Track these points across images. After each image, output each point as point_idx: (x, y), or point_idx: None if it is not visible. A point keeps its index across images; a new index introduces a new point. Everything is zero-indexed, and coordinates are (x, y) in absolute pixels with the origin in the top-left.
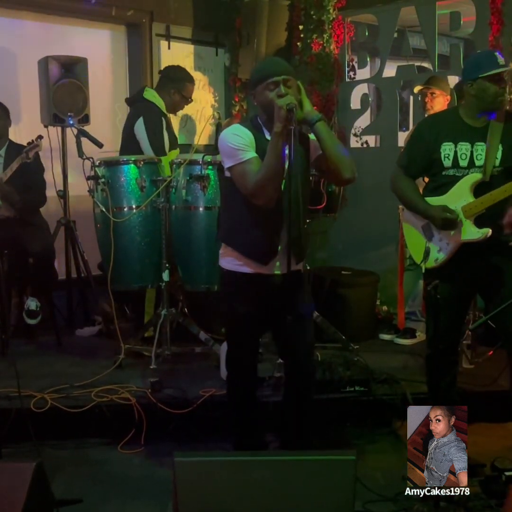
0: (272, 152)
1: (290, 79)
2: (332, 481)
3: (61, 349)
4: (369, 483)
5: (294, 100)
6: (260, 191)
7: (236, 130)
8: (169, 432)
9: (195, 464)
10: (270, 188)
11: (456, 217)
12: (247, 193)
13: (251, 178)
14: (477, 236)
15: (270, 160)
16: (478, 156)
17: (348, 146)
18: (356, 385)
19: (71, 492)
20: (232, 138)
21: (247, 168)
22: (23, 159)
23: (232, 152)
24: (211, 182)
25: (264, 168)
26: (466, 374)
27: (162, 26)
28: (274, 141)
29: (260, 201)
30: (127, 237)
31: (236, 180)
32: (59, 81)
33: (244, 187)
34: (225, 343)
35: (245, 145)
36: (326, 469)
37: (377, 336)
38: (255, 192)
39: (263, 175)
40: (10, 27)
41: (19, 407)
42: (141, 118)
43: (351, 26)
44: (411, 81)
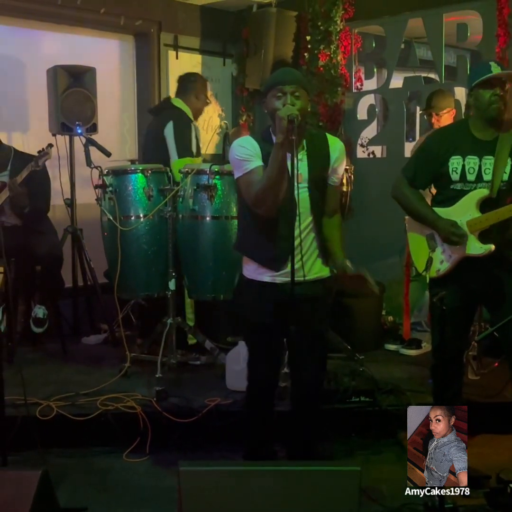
0: (273, 163)
1: (299, 90)
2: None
3: (67, 357)
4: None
5: (295, 111)
6: (261, 201)
7: (242, 142)
8: (174, 441)
9: (200, 473)
10: (270, 198)
11: (464, 233)
12: (249, 202)
13: (253, 188)
14: (480, 252)
15: (271, 170)
16: (486, 170)
17: (355, 157)
18: (361, 395)
19: (76, 500)
20: (237, 149)
21: (251, 178)
22: (33, 167)
23: (239, 163)
24: (218, 191)
25: (265, 178)
26: (472, 385)
27: (170, 36)
28: (275, 152)
29: (261, 211)
30: (134, 245)
31: (242, 191)
32: (67, 90)
33: (247, 197)
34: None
35: (249, 155)
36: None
37: (383, 346)
38: (256, 202)
39: (264, 186)
40: (19, 36)
41: (25, 414)
42: (171, 122)
43: (358, 37)
44: (418, 92)
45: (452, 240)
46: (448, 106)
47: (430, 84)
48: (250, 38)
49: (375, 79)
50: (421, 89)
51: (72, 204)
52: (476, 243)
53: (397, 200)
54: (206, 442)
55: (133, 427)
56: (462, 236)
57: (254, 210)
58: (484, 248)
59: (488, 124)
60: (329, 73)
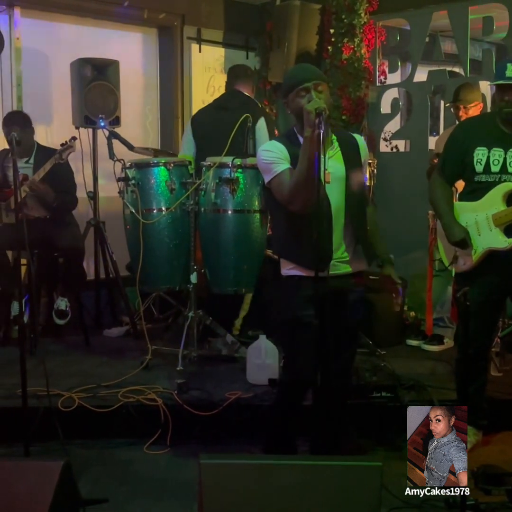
0: (303, 157)
1: (321, 84)
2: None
3: (89, 349)
4: (394, 489)
5: (323, 104)
6: (295, 196)
7: (267, 146)
8: (195, 434)
9: (221, 466)
10: (304, 193)
11: (470, 246)
12: (283, 201)
13: (286, 187)
14: (504, 246)
15: (302, 165)
16: (511, 163)
17: (378, 151)
18: (383, 391)
19: (97, 492)
20: (264, 154)
21: (281, 179)
22: (57, 160)
23: (267, 167)
24: (240, 185)
25: (296, 173)
26: (494, 382)
27: (194, 29)
28: (305, 146)
29: (296, 207)
30: (156, 238)
31: (275, 193)
32: (91, 83)
33: (281, 197)
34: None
35: (277, 158)
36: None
37: (404, 342)
38: (291, 198)
39: (297, 181)
40: (43, 29)
41: (47, 406)
42: (262, 118)
43: (382, 30)
44: (442, 86)
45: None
46: (475, 100)
47: (455, 78)
48: (274, 31)
49: (399, 72)
50: (445, 83)
51: (95, 197)
52: (500, 236)
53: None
54: (226, 435)
55: (154, 420)
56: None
57: (288, 208)
58: (508, 242)
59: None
60: (353, 66)
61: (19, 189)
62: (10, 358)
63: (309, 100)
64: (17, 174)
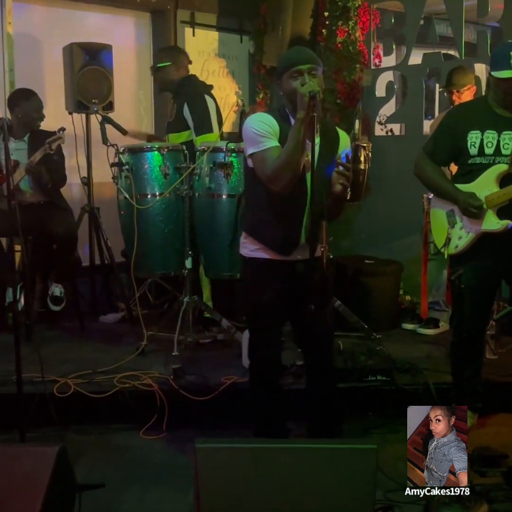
0: (293, 138)
1: (315, 68)
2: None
3: (85, 335)
4: (390, 472)
5: (316, 87)
6: (278, 176)
7: (262, 117)
8: (191, 419)
9: (217, 450)
10: (288, 174)
11: (481, 204)
12: (264, 178)
13: (269, 164)
14: (496, 227)
15: (290, 145)
16: (505, 145)
17: (373, 134)
18: (378, 374)
19: (93, 477)
20: (257, 124)
21: (267, 155)
22: (46, 150)
23: (255, 139)
24: (234, 169)
25: (283, 153)
26: (490, 365)
27: (187, 13)
28: (296, 127)
29: (277, 187)
30: (150, 224)
31: (256, 167)
32: (83, 68)
33: (262, 172)
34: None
35: (269, 132)
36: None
37: (400, 325)
38: (273, 177)
39: (283, 160)
40: (35, 13)
41: (42, 392)
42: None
43: (377, 13)
44: (437, 69)
45: (470, 211)
46: (468, 83)
47: (450, 60)
48: (268, 14)
49: (394, 55)
50: (440, 66)
51: (89, 183)
52: (493, 218)
53: (418, 177)
54: (222, 420)
55: (150, 405)
56: (480, 207)
57: (268, 187)
58: (501, 224)
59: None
60: (347, 49)
61: (11, 175)
62: (5, 344)
63: (303, 84)
64: (9, 158)
